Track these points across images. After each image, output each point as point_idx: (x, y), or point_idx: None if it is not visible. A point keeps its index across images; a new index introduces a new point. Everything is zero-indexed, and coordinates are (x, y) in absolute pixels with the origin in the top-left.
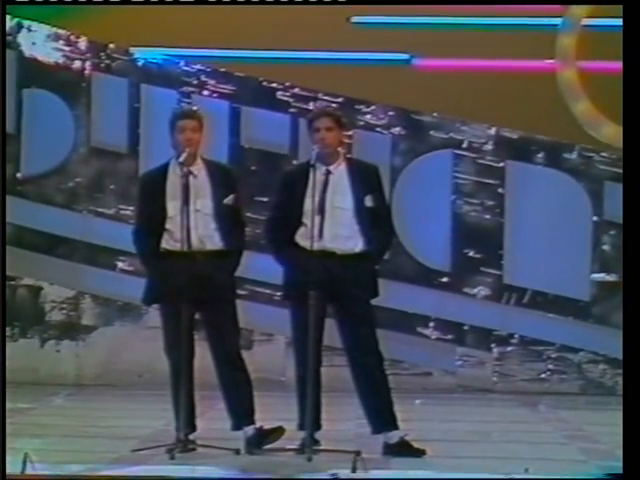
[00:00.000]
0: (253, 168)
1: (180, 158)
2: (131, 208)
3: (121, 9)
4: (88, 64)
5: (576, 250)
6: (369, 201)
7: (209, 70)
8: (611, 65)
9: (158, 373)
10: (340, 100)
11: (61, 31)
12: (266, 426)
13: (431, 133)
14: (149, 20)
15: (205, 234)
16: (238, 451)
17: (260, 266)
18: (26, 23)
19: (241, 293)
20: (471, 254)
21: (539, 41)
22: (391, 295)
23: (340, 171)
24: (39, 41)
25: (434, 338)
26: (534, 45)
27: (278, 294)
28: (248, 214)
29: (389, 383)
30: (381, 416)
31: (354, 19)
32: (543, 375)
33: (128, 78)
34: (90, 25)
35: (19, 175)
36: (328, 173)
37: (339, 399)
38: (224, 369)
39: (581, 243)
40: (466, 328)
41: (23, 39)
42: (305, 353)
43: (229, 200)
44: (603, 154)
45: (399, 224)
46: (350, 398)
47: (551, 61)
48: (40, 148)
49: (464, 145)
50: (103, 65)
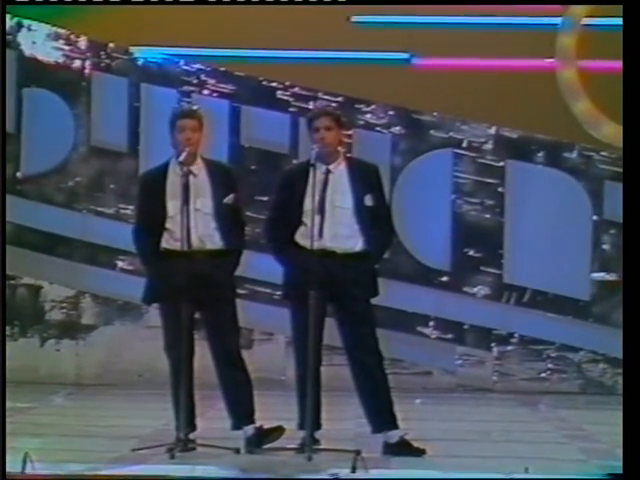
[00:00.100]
0: (253, 167)
1: (180, 157)
2: (131, 207)
3: (121, 9)
4: (88, 63)
5: (576, 249)
6: (369, 200)
7: (209, 69)
8: (611, 64)
9: (158, 372)
10: (340, 99)
11: (61, 30)
12: (266, 425)
13: (431, 132)
14: (149, 20)
15: (205, 233)
16: (238, 450)
17: (260, 265)
18: (26, 22)
19: (241, 292)
20: (471, 253)
21: (539, 40)
22: (391, 294)
23: (340, 170)
24: (39, 40)
25: (434, 337)
26: (534, 44)
27: (278, 293)
28: (248, 213)
29: (389, 382)
30: (381, 415)
31: (354, 18)
32: (543, 374)
33: (128, 77)
34: (90, 24)
35: (19, 174)
36: (328, 172)
37: (339, 398)
38: (224, 368)
39: (581, 242)
40: (466, 327)
41: (23, 38)
42: (305, 352)
43: (229, 199)
44: (603, 153)
45: (399, 223)
46: (350, 397)
47: (551, 60)
48: (40, 147)
49: (464, 144)
50: (103, 64)
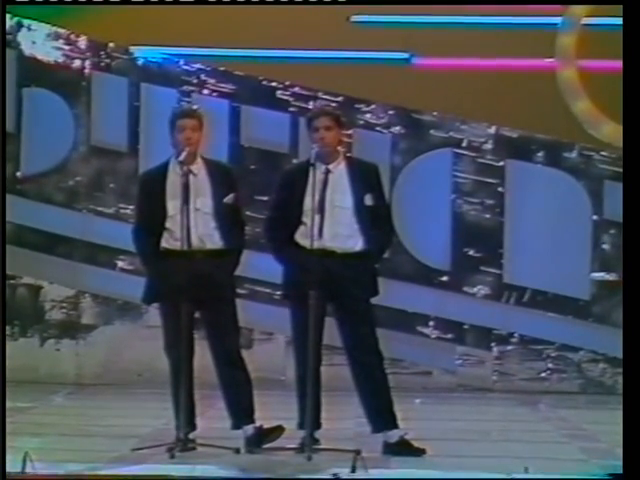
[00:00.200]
0: (253, 167)
1: (180, 157)
2: (131, 207)
3: (121, 9)
4: (88, 63)
5: (576, 249)
6: (369, 200)
7: (209, 69)
8: (611, 64)
9: (158, 372)
10: (340, 99)
11: (61, 30)
12: (266, 425)
13: (431, 132)
14: (149, 20)
15: (205, 233)
16: (238, 450)
17: (260, 265)
18: (26, 22)
19: (241, 292)
20: (471, 253)
21: (539, 40)
22: (391, 294)
23: (340, 170)
24: (39, 40)
25: (434, 337)
26: (534, 44)
27: (278, 293)
28: (248, 213)
29: (389, 382)
30: (381, 415)
31: (354, 18)
32: (543, 374)
33: (128, 77)
34: (90, 24)
35: (19, 174)
36: (328, 172)
37: (339, 398)
38: (224, 368)
39: (581, 242)
40: (466, 327)
41: (23, 38)
42: (305, 352)
43: (229, 199)
44: (603, 153)
45: (399, 223)
46: (350, 397)
47: (551, 60)
48: (40, 147)
49: (464, 144)
50: (103, 64)
